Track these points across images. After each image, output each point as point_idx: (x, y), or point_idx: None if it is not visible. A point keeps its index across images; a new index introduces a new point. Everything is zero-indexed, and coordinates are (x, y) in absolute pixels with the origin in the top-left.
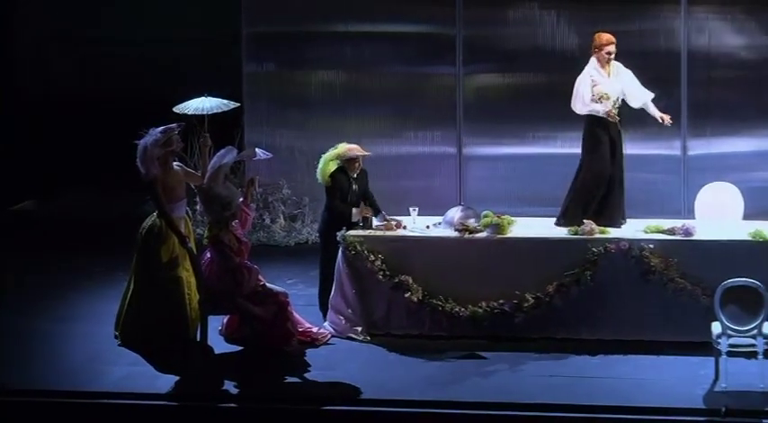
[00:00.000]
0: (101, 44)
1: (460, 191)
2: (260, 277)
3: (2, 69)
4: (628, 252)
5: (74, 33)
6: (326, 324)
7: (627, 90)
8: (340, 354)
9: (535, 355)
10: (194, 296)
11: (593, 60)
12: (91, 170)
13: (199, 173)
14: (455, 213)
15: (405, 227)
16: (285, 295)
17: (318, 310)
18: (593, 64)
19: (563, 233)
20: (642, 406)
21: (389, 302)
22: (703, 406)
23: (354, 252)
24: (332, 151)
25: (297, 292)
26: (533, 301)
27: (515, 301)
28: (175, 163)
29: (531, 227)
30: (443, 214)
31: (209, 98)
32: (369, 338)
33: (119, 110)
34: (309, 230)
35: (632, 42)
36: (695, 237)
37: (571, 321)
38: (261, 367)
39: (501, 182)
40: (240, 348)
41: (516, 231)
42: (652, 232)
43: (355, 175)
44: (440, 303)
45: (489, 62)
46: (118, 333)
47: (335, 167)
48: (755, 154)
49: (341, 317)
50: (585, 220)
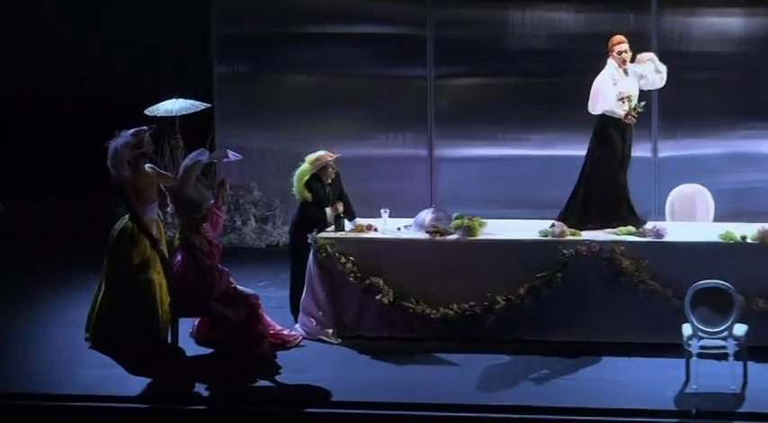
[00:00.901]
0: (75, 45)
1: (432, 193)
2: (231, 279)
3: None
4: (599, 254)
5: (42, 34)
6: (297, 326)
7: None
8: (311, 356)
9: (506, 358)
10: (165, 298)
11: (610, 61)
12: (62, 172)
13: (171, 175)
14: (426, 215)
15: (376, 229)
16: (256, 297)
17: (289, 313)
18: (611, 65)
19: (534, 235)
20: (613, 408)
21: (360, 304)
22: (674, 407)
23: (325, 254)
24: (303, 166)
25: (268, 295)
26: (504, 303)
27: (486, 303)
28: (147, 165)
29: (503, 229)
30: (414, 216)
31: (179, 100)
32: (340, 340)
33: (89, 112)
34: (280, 232)
35: (602, 45)
36: (666, 238)
37: (542, 323)
38: (232, 370)
39: (472, 184)
40: (211, 351)
41: (487, 233)
42: (623, 234)
43: (330, 181)
44: (411, 305)
45: (460, 64)
46: (89, 335)
47: (309, 176)
48: (726, 156)
49: (312, 319)
50: (556, 222)
